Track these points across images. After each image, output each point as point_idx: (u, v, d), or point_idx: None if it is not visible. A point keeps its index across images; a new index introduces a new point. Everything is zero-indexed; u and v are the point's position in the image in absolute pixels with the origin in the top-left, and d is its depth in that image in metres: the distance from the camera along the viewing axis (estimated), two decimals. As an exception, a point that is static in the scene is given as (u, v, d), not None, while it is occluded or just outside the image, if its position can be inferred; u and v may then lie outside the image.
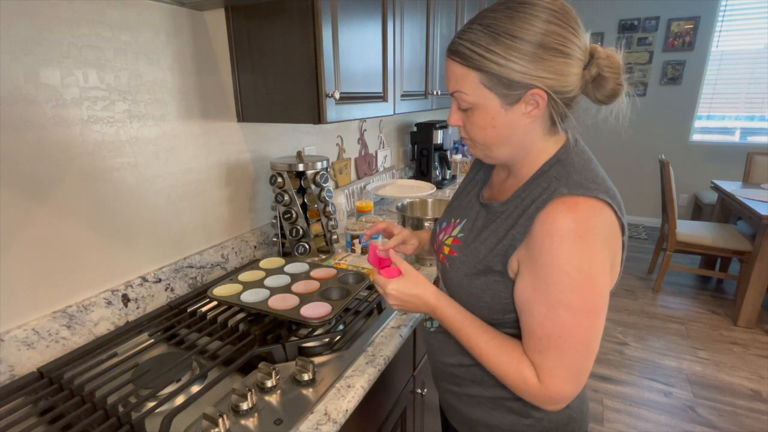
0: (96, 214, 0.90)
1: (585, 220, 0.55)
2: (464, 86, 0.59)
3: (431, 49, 1.66)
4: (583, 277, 0.55)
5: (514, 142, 0.62)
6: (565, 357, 0.57)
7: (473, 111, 0.61)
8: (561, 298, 0.56)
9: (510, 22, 0.55)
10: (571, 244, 0.54)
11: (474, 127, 0.62)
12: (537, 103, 0.58)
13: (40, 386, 0.75)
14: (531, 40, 0.54)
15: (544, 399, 0.60)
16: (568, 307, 0.56)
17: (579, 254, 0.54)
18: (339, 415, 0.70)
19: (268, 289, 0.99)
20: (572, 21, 0.56)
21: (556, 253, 0.55)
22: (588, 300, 0.55)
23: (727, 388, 2.06)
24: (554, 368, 0.58)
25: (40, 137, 0.79)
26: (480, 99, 0.59)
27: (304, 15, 0.99)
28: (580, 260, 0.54)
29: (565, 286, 0.55)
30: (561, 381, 0.58)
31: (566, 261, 0.54)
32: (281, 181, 1.22)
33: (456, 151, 2.84)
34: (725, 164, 4.01)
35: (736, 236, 2.74)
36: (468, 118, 0.62)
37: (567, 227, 0.54)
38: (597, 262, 0.55)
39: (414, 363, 1.13)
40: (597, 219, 0.55)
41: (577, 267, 0.54)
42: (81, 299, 0.89)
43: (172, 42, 1.01)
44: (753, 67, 3.71)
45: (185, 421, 0.67)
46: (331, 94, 1.04)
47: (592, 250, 0.54)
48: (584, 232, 0.54)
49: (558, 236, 0.54)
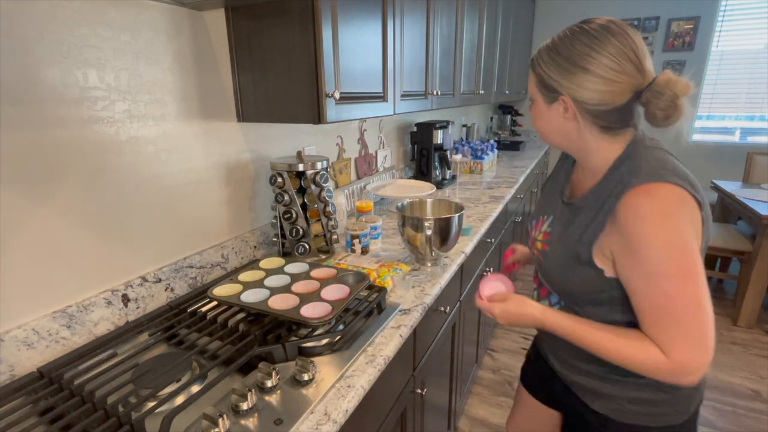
0: (96, 214, 0.90)
1: (662, 201, 0.62)
2: (529, 84, 0.77)
3: (431, 49, 1.66)
4: (673, 248, 0.61)
5: (564, 135, 0.74)
6: (681, 323, 0.62)
7: (533, 104, 0.78)
8: (657, 270, 0.62)
9: (561, 41, 0.69)
10: (655, 222, 0.61)
11: (533, 116, 0.79)
12: (566, 108, 0.70)
13: (40, 386, 0.75)
14: (565, 55, 0.67)
15: (677, 372, 0.63)
16: (667, 276, 0.61)
17: (664, 230, 0.61)
18: (339, 415, 0.70)
19: (268, 289, 0.99)
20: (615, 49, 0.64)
21: (643, 233, 0.62)
22: (683, 266, 0.61)
23: (727, 388, 2.06)
24: (675, 337, 0.62)
25: (40, 137, 0.79)
26: (534, 94, 0.76)
27: (304, 15, 0.99)
28: (666, 235, 0.61)
29: (658, 258, 0.61)
30: (686, 348, 0.62)
31: (654, 237, 0.61)
32: (281, 181, 1.22)
33: (456, 151, 2.84)
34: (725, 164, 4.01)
35: (736, 236, 2.74)
36: (531, 109, 0.80)
37: (647, 209, 0.62)
38: (683, 233, 0.61)
39: (414, 363, 1.13)
40: (673, 198, 0.62)
41: (664, 241, 0.61)
42: (81, 299, 0.89)
43: (172, 42, 1.01)
44: (753, 67, 3.71)
45: (185, 421, 0.67)
46: (331, 94, 1.04)
47: (675, 224, 0.61)
48: (664, 211, 0.61)
49: (641, 219, 0.62)
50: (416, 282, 1.18)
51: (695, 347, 0.62)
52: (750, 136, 3.88)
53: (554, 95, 0.71)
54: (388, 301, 1.07)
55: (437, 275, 1.22)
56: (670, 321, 0.62)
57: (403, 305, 1.05)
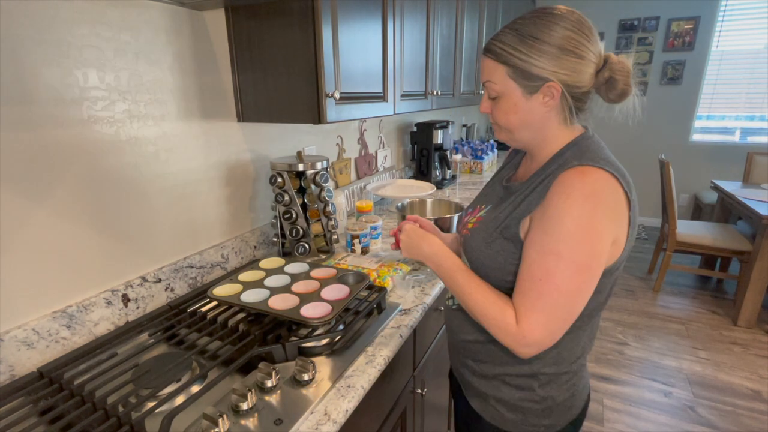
0: (96, 214, 0.90)
1: (591, 183, 0.62)
2: (494, 77, 0.70)
3: (431, 49, 1.66)
4: (578, 232, 0.61)
5: (533, 127, 0.72)
6: (543, 300, 0.63)
7: (500, 99, 0.71)
8: (553, 246, 0.63)
9: (534, 27, 0.66)
10: (576, 201, 0.61)
11: (500, 112, 0.72)
12: (552, 95, 0.68)
13: (40, 386, 0.75)
14: (551, 42, 0.65)
15: (517, 339, 0.65)
16: (558, 255, 0.62)
17: (580, 211, 0.61)
18: (339, 415, 0.70)
19: (268, 289, 0.99)
20: (586, 29, 0.66)
21: (561, 207, 0.62)
22: (577, 252, 0.62)
23: (727, 388, 2.06)
24: (531, 309, 0.64)
25: (40, 137, 0.79)
26: (506, 88, 0.70)
27: (304, 15, 0.99)
28: (579, 216, 0.61)
29: (559, 235, 0.62)
30: (534, 323, 0.64)
31: (566, 214, 0.62)
32: (281, 181, 1.22)
33: (456, 151, 2.84)
34: (725, 164, 4.01)
35: (736, 236, 2.74)
36: (496, 105, 0.73)
37: (574, 187, 0.62)
38: (596, 223, 0.61)
39: (414, 363, 1.13)
40: (603, 184, 0.62)
41: (575, 221, 0.61)
42: (81, 299, 0.89)
43: (172, 42, 1.01)
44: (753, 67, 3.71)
45: (185, 421, 0.67)
46: (331, 94, 1.04)
47: (594, 210, 0.61)
48: (590, 194, 0.61)
49: (566, 194, 0.62)
50: (416, 282, 1.18)
51: (543, 326, 0.64)
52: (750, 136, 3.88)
53: (538, 84, 0.67)
54: (388, 301, 1.07)
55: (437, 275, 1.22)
56: (534, 294, 0.64)
57: (403, 305, 1.05)
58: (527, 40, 0.66)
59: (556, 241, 0.62)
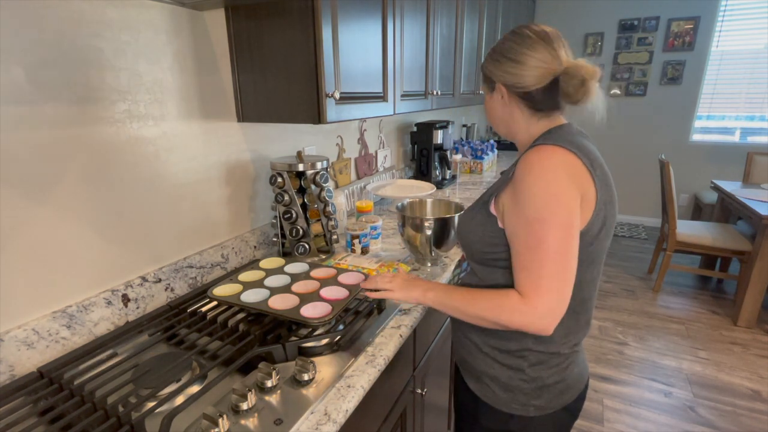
0: (96, 214, 0.90)
1: (548, 156, 0.70)
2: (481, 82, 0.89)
3: (431, 49, 1.66)
4: (550, 196, 0.68)
5: (502, 121, 0.86)
6: (545, 266, 0.67)
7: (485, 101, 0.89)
8: (535, 214, 0.68)
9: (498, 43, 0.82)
10: (539, 171, 0.69)
11: (485, 110, 0.90)
12: (501, 94, 0.82)
13: (40, 386, 0.75)
14: (498, 51, 0.81)
15: (531, 313, 0.68)
16: (542, 220, 0.67)
17: (545, 179, 0.68)
18: (339, 415, 0.70)
19: (268, 289, 0.99)
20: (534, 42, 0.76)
21: (527, 181, 0.70)
22: (557, 213, 0.67)
23: (727, 388, 2.06)
24: (537, 279, 0.68)
25: (40, 137, 0.79)
26: (484, 91, 0.89)
27: (304, 15, 0.99)
28: (546, 183, 0.68)
29: (535, 204, 0.68)
30: (545, 290, 0.68)
31: (534, 184, 0.69)
32: (281, 181, 1.22)
33: (456, 151, 2.84)
34: (725, 164, 4.01)
35: (736, 236, 2.74)
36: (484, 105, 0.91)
37: (533, 162, 0.70)
38: (563, 186, 0.68)
39: (414, 363, 1.13)
40: (558, 157, 0.70)
41: (544, 188, 0.68)
42: (81, 299, 0.89)
43: (172, 42, 1.01)
44: (753, 67, 3.71)
45: (185, 421, 0.67)
46: (331, 94, 1.04)
47: (557, 176, 0.69)
48: (548, 164, 0.69)
49: (527, 169, 0.70)
50: (416, 282, 1.18)
51: (550, 291, 0.67)
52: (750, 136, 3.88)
53: (492, 85, 0.83)
54: (388, 301, 1.07)
55: (437, 275, 1.22)
56: (536, 264, 0.68)
57: (403, 305, 1.05)
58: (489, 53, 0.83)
59: (535, 210, 0.68)
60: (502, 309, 0.71)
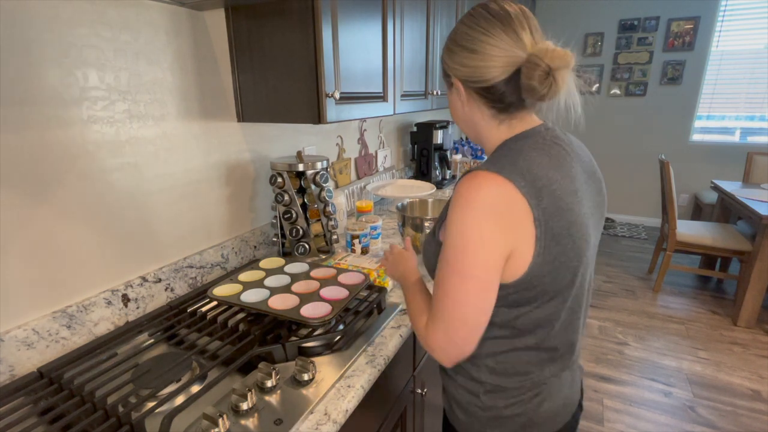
0: (96, 214, 0.90)
1: (475, 190, 0.59)
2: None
3: (431, 49, 1.66)
4: (460, 241, 0.60)
5: (465, 121, 0.74)
6: (439, 307, 0.64)
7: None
8: (445, 254, 0.63)
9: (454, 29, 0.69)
10: (460, 209, 0.60)
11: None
12: (458, 90, 0.70)
13: (40, 386, 0.75)
14: (452, 38, 0.68)
15: (426, 342, 0.67)
16: (446, 262, 0.62)
17: (462, 219, 0.60)
18: (339, 415, 0.70)
19: (268, 289, 1.00)
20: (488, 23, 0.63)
21: (450, 216, 0.62)
22: (459, 261, 0.61)
23: (727, 388, 2.06)
24: (433, 315, 0.66)
25: (40, 137, 0.79)
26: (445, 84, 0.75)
27: (304, 15, 0.99)
28: (462, 225, 0.60)
29: (448, 245, 0.62)
30: (433, 329, 0.65)
31: (452, 222, 0.62)
32: (281, 181, 1.22)
33: (456, 151, 2.84)
34: (725, 164, 4.01)
35: (736, 236, 2.74)
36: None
37: (461, 194, 0.61)
38: (475, 230, 0.59)
39: (414, 363, 1.13)
40: (487, 190, 0.59)
41: (458, 230, 0.60)
42: (81, 299, 0.89)
43: (172, 42, 1.01)
44: (753, 67, 3.71)
45: (185, 421, 0.67)
46: (331, 94, 1.04)
47: (474, 218, 0.59)
48: (471, 200, 0.59)
49: (453, 201, 0.62)
50: (416, 282, 1.18)
51: (442, 332, 0.64)
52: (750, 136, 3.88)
53: (449, 80, 0.71)
54: (388, 301, 1.07)
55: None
56: (435, 302, 0.65)
57: (403, 305, 1.05)
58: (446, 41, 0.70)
59: (446, 248, 0.62)
60: (415, 326, 0.72)
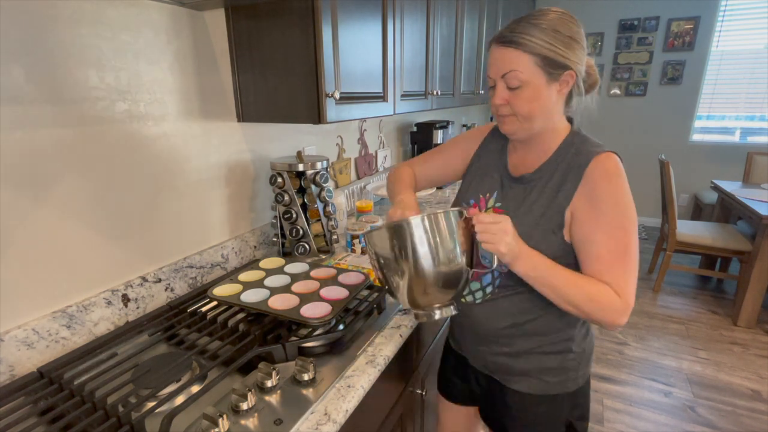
0: (96, 214, 0.90)
1: (618, 166, 0.75)
2: (519, 66, 0.73)
3: (431, 49, 1.66)
4: (629, 205, 0.73)
5: (548, 115, 0.78)
6: (629, 269, 0.73)
7: (523, 88, 0.74)
8: (618, 222, 0.72)
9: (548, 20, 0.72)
10: (618, 182, 0.73)
11: (522, 101, 0.75)
12: (567, 83, 0.75)
13: (40, 386, 0.75)
14: (566, 33, 0.72)
15: (626, 310, 0.72)
16: (625, 229, 0.72)
17: (624, 188, 0.73)
18: (339, 415, 0.70)
19: (268, 289, 0.99)
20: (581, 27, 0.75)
21: (609, 190, 0.73)
22: (634, 222, 0.73)
23: (727, 388, 2.06)
24: (625, 281, 0.73)
25: (40, 137, 0.79)
26: (532, 76, 0.73)
27: (304, 15, 0.99)
28: (625, 193, 0.73)
29: (618, 213, 0.73)
30: (631, 290, 0.73)
31: (617, 194, 0.73)
32: (281, 181, 1.22)
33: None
34: (725, 164, 4.01)
35: (736, 236, 2.74)
36: (516, 95, 0.76)
37: (611, 171, 0.74)
38: (630, 195, 0.74)
39: (414, 363, 1.13)
40: (621, 165, 0.76)
41: (625, 198, 0.73)
42: (81, 299, 0.89)
43: (172, 42, 1.01)
44: (753, 67, 3.71)
45: (185, 421, 0.67)
46: (331, 94, 1.04)
47: (627, 185, 0.74)
48: (622, 174, 0.74)
49: (607, 179, 0.73)
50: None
51: (634, 287, 0.74)
52: (750, 136, 3.88)
53: (559, 72, 0.73)
54: (388, 301, 1.07)
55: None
56: (622, 267, 0.73)
57: (403, 305, 1.05)
58: (548, 31, 0.71)
59: (619, 217, 0.72)
60: (601, 305, 0.72)
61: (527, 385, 0.89)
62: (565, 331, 0.85)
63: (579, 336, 0.87)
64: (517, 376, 0.89)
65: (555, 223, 0.77)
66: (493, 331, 0.88)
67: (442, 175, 1.05)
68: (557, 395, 0.88)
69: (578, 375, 0.88)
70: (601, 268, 0.74)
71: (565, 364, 0.86)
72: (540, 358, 0.86)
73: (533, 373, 0.87)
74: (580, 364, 0.88)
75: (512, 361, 0.88)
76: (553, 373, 0.87)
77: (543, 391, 0.88)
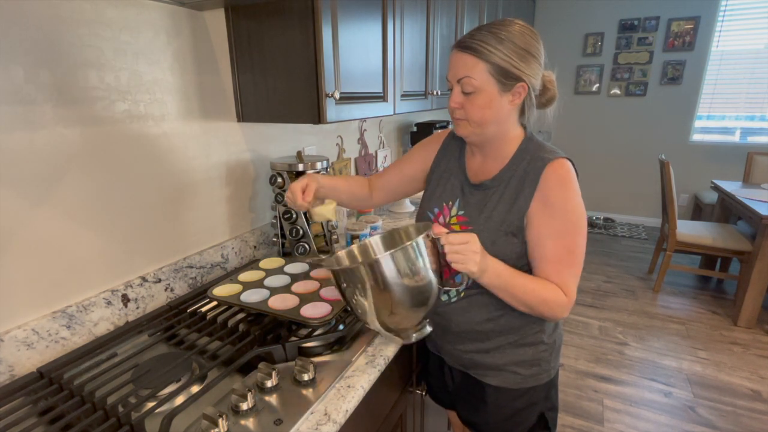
0: (96, 214, 0.90)
1: (570, 171, 0.79)
2: (473, 73, 0.76)
3: (431, 49, 1.66)
4: (580, 209, 0.78)
5: (500, 123, 0.81)
6: (575, 269, 0.80)
7: (476, 94, 0.77)
8: (569, 226, 0.78)
9: (508, 31, 0.75)
10: (570, 187, 0.78)
11: (474, 107, 0.78)
12: (519, 94, 0.78)
13: (40, 386, 0.75)
14: (520, 46, 0.74)
15: (569, 306, 0.80)
16: (575, 232, 0.78)
17: (575, 194, 0.78)
18: (339, 415, 0.70)
19: (268, 289, 0.99)
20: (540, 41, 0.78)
21: (562, 195, 0.77)
22: (582, 225, 0.79)
23: (727, 388, 2.06)
24: (570, 280, 0.80)
25: (39, 137, 0.79)
26: (485, 84, 0.76)
27: (304, 15, 0.99)
28: (576, 197, 0.78)
29: (570, 216, 0.77)
30: (575, 287, 0.80)
31: (570, 199, 0.77)
32: (281, 181, 1.22)
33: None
34: (725, 164, 4.01)
35: (736, 236, 2.74)
36: (470, 100, 0.78)
37: (564, 177, 0.78)
38: (580, 198, 0.79)
39: (414, 363, 1.13)
40: (572, 170, 0.80)
41: (574, 202, 0.78)
42: (81, 299, 0.89)
43: (172, 42, 1.01)
44: (753, 67, 3.71)
45: (185, 421, 0.67)
46: (331, 94, 1.04)
47: (578, 190, 0.79)
48: (574, 179, 0.79)
49: (561, 184, 0.77)
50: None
51: (574, 285, 0.81)
52: (750, 136, 3.88)
53: (512, 83, 0.76)
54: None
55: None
56: (568, 269, 0.79)
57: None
58: (505, 42, 0.74)
59: (569, 221, 0.77)
60: (551, 306, 0.79)
61: (503, 379, 0.91)
62: (537, 323, 0.89)
63: (549, 328, 0.91)
64: (494, 371, 0.91)
65: (515, 227, 0.81)
66: (468, 327, 0.90)
67: (400, 185, 1.05)
68: (531, 388, 0.91)
69: (550, 366, 0.92)
70: (550, 271, 0.79)
71: (538, 356, 0.90)
72: (514, 351, 0.89)
73: (509, 366, 0.90)
74: (552, 355, 0.92)
75: (488, 357, 0.91)
76: (526, 365, 0.90)
77: (518, 385, 0.91)
